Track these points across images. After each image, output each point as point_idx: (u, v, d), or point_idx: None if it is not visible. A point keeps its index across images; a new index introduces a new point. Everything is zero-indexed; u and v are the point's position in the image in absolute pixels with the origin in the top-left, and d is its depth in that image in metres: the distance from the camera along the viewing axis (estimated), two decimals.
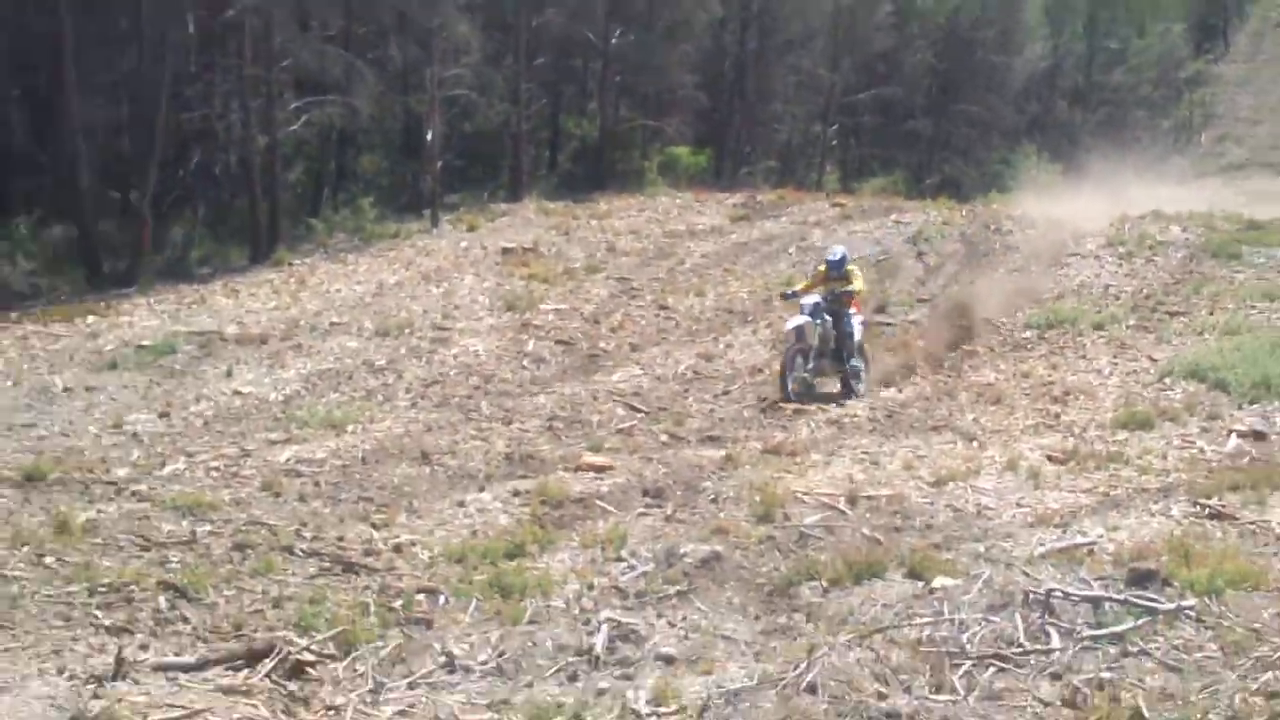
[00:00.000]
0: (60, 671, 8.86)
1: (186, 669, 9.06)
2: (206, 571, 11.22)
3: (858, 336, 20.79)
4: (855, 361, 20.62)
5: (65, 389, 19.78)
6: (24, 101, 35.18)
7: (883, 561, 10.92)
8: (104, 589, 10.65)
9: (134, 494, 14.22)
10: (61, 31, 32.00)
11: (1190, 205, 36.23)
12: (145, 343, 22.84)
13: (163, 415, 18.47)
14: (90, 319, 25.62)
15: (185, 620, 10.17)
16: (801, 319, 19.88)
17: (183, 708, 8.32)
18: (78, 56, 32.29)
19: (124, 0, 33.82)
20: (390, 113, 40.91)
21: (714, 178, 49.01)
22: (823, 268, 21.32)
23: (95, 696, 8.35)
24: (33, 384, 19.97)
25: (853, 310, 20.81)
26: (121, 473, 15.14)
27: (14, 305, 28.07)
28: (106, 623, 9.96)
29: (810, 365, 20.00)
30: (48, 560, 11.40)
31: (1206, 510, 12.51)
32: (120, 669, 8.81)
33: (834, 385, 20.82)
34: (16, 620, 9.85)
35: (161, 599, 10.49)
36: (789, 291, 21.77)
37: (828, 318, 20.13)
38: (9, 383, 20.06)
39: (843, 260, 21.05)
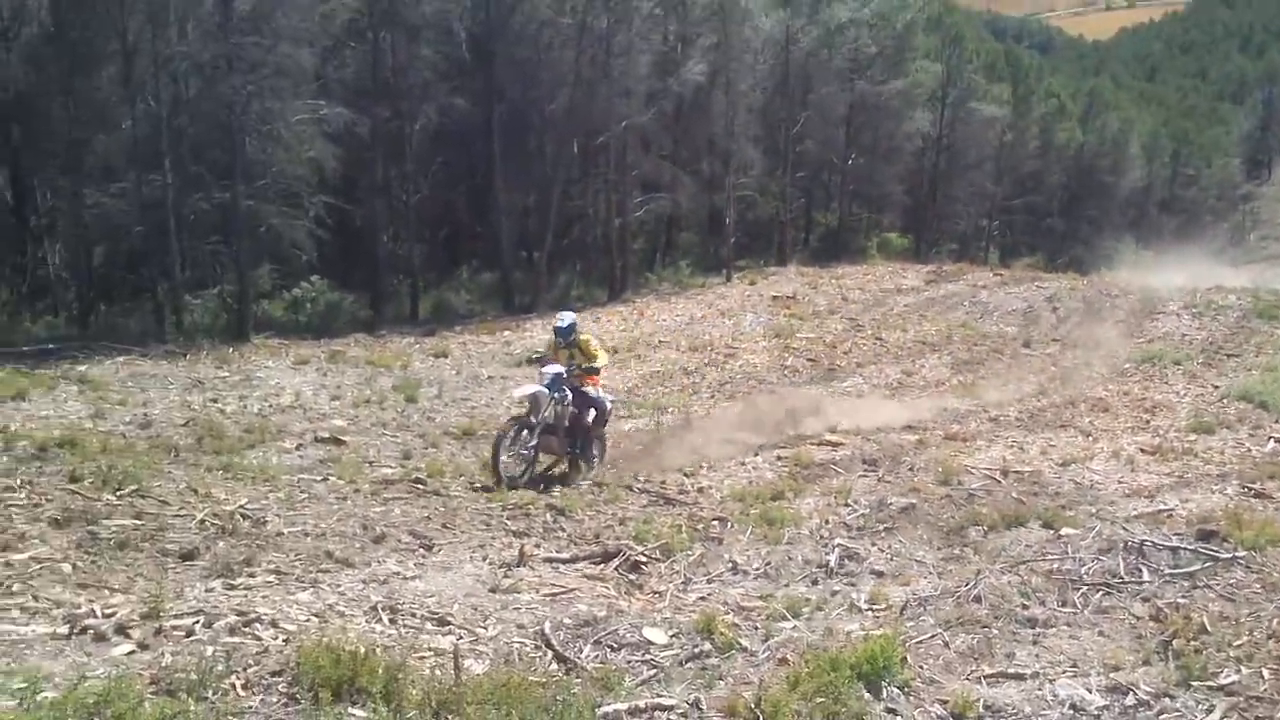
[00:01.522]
0: (484, 559, 9.02)
1: (563, 562, 9.16)
2: (577, 499, 11.36)
3: (602, 418, 14.40)
4: (593, 449, 14.26)
5: (489, 376, 20.20)
6: (469, 194, 36.12)
7: (1025, 515, 10.53)
8: (511, 507, 10.84)
9: (530, 446, 14.41)
10: (493, 150, 32.85)
11: (1242, 282, 34.67)
12: (540, 350, 23.18)
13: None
14: (506, 333, 26.19)
15: (563, 530, 10.30)
16: (536, 388, 13.51)
17: (561, 587, 8.40)
18: (504, 166, 33.10)
19: (533, 129, 34.52)
20: (701, 206, 41.01)
21: (913, 254, 48.21)
22: (554, 338, 14.30)
23: (505, 576, 8.48)
24: (469, 373, 20.43)
25: (595, 390, 14.16)
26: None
27: (458, 323, 28.90)
28: (513, 528, 10.14)
29: (533, 441, 13.32)
30: (476, 486, 11.64)
31: (1252, 491, 11.81)
32: (522, 559, 8.93)
33: (564, 465, 14.15)
34: (456, 524, 10.08)
35: (548, 515, 10.65)
36: (535, 355, 15.60)
37: (568, 392, 13.71)
38: (454, 372, 20.58)
39: (571, 328, 14.04)
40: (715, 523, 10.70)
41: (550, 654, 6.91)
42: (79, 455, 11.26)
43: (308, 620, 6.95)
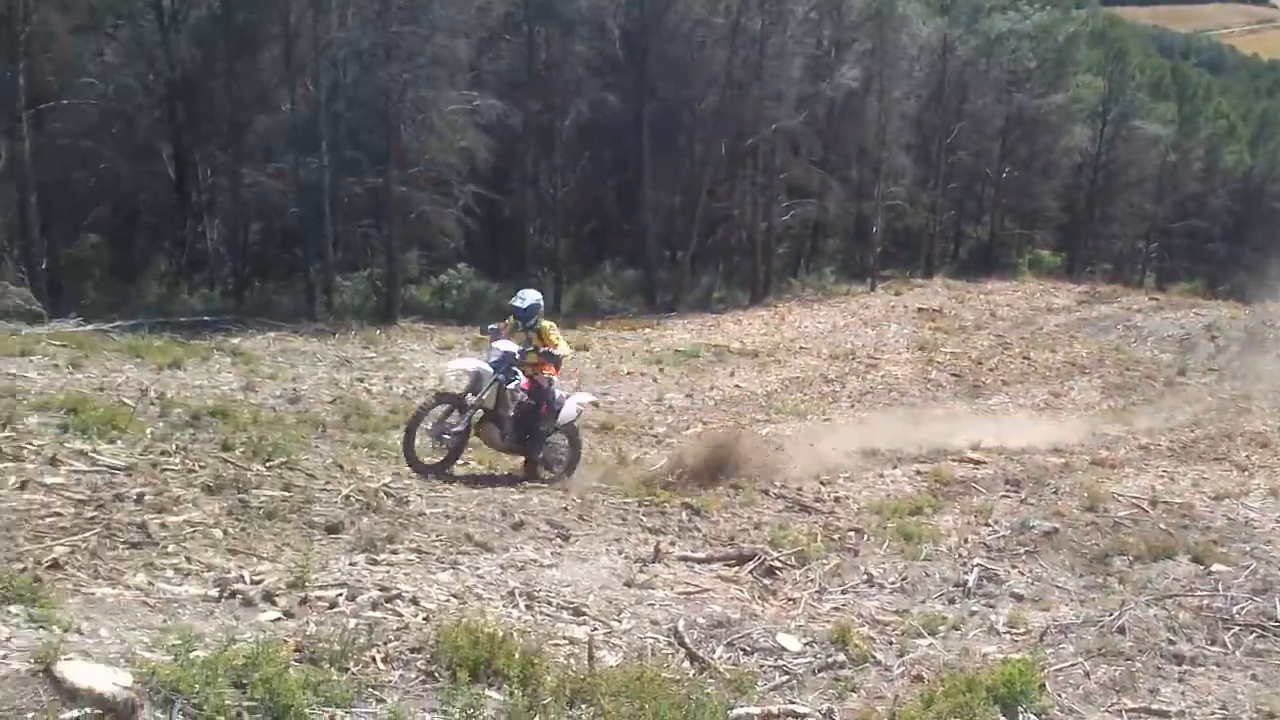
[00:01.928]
0: (619, 552, 9.07)
1: (698, 561, 9.15)
2: (712, 500, 11.33)
3: (565, 414, 12.44)
4: (554, 454, 12.47)
5: (628, 373, 20.35)
6: (616, 190, 36.41)
7: (1174, 548, 10.17)
8: (647, 503, 10.87)
9: (668, 444, 14.49)
10: (642, 147, 33.03)
11: None
12: (680, 349, 23.32)
13: (688, 395, 18.79)
14: (646, 331, 26.37)
15: (698, 530, 10.30)
16: (478, 364, 11.94)
17: (696, 586, 8.41)
18: (652, 163, 33.26)
19: (683, 128, 34.62)
20: (848, 213, 40.70)
21: (1066, 273, 47.10)
22: (510, 320, 12.42)
23: (640, 571, 8.52)
24: (608, 368, 20.59)
25: (549, 380, 12.31)
26: (660, 429, 15.47)
27: (599, 318, 29.13)
28: (648, 525, 10.18)
29: (460, 426, 11.55)
30: (611, 483, 11.70)
31: None
32: (657, 555, 8.95)
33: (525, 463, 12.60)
34: (592, 516, 10.16)
35: (683, 514, 10.65)
36: (490, 328, 12.71)
37: (520, 376, 11.98)
38: (594, 366, 20.75)
39: (533, 309, 12.25)
40: (851, 533, 10.57)
41: (683, 652, 6.92)
42: (230, 425, 11.63)
43: (447, 600, 7.08)
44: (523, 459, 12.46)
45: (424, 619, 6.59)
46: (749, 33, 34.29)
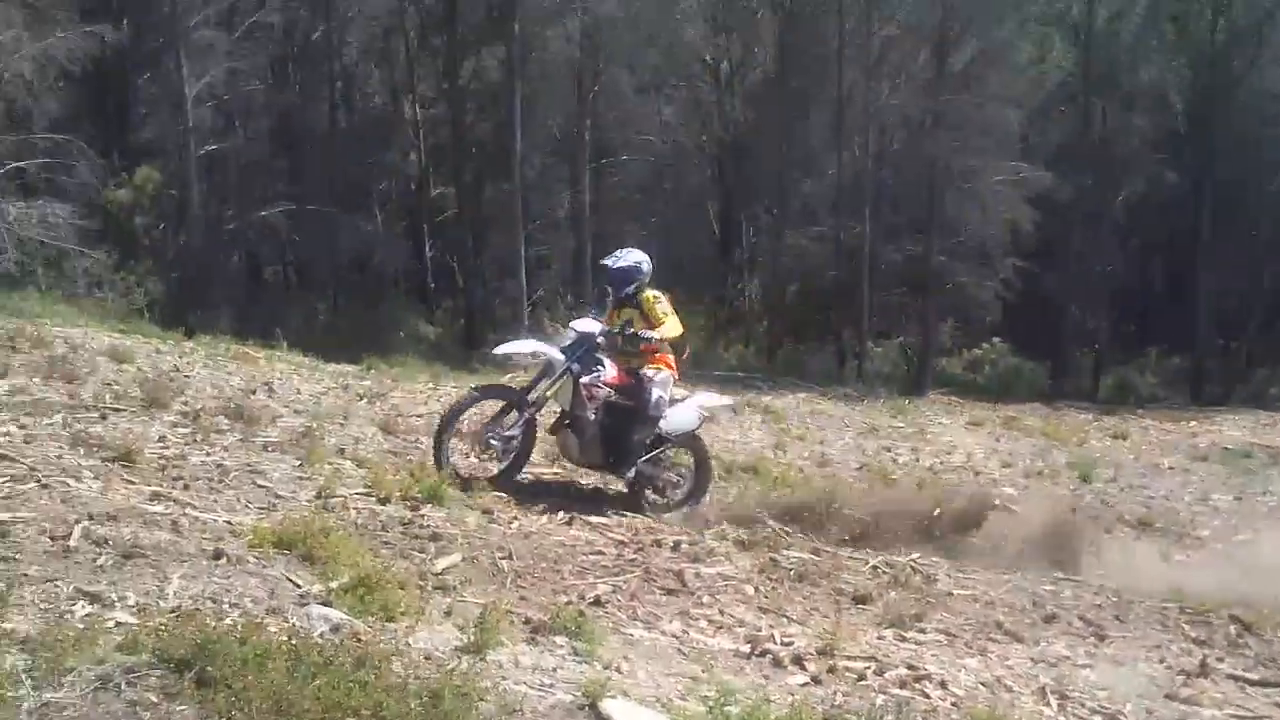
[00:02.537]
0: (1159, 660, 8.54)
1: (1250, 683, 8.45)
2: (1269, 615, 10.38)
3: (677, 421, 9.80)
4: (663, 475, 9.88)
5: (1169, 467, 19.16)
6: (1167, 270, 34.86)
7: None
8: (1189, 611, 10.15)
9: (1214, 550, 13.48)
10: (1199, 227, 31.41)
11: None
12: (1229, 446, 21.74)
13: (1237, 498, 17.36)
14: (1191, 424, 24.78)
15: (1249, 647, 9.49)
16: (547, 349, 9.19)
17: (1248, 710, 7.76)
18: (1209, 244, 31.55)
19: (1248, 209, 32.51)
20: None
21: None
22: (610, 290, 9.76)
23: (1184, 685, 7.98)
24: (1146, 461, 19.50)
25: (658, 371, 9.54)
26: (1204, 533, 14.43)
27: (1139, 406, 27.79)
28: (1192, 634, 9.49)
29: (514, 430, 8.95)
30: (1145, 584, 10.99)
31: None
32: (1203, 669, 8.36)
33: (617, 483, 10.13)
34: (1129, 617, 9.63)
35: (1232, 628, 9.86)
36: (593, 309, 10.28)
37: (607, 367, 9.25)
38: (1131, 456, 19.73)
39: (631, 274, 9.51)
40: None
41: None
42: (761, 482, 12.08)
43: (975, 687, 6.94)
44: (625, 485, 9.90)
45: (952, 704, 6.52)
46: None
